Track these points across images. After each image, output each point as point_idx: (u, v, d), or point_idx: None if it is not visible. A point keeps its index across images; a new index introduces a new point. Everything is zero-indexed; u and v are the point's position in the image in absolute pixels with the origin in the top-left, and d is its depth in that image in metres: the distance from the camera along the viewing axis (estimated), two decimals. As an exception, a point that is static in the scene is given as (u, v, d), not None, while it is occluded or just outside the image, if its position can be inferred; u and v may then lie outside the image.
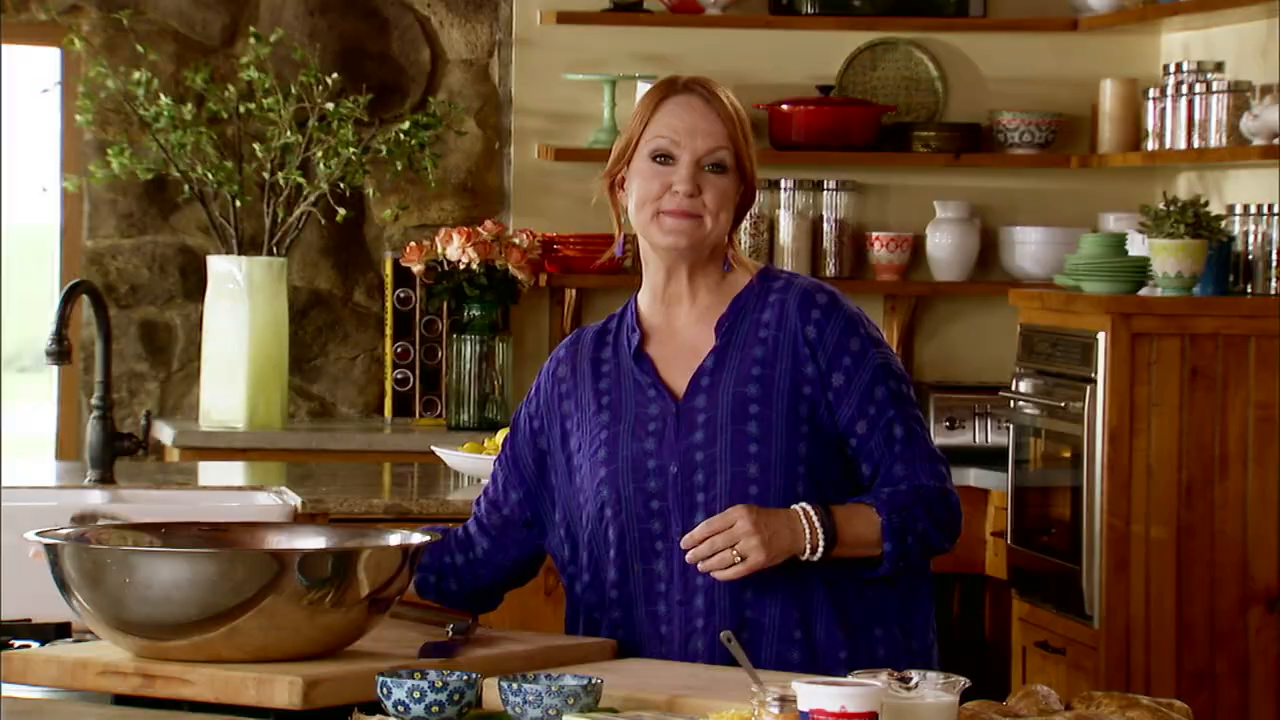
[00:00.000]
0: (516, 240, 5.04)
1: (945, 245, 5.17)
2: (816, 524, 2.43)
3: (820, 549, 2.44)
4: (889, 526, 2.46)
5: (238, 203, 5.01)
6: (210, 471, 4.29)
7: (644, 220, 2.54)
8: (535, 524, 2.63)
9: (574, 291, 5.19)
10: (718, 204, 2.52)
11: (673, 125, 2.52)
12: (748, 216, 5.21)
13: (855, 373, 2.49)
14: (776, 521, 2.43)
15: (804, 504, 2.45)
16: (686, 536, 2.44)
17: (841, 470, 2.51)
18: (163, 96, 4.99)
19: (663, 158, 2.52)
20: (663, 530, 2.50)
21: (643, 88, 5.16)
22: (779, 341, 2.50)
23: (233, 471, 4.37)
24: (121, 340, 5.18)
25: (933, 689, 2.03)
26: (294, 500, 3.71)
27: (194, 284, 5.18)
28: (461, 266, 5.00)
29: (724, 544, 2.41)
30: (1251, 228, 4.42)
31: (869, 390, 2.49)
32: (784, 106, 5.15)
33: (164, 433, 5.01)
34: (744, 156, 2.53)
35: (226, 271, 4.97)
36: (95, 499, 3.62)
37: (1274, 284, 4.34)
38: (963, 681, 2.06)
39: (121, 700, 2.30)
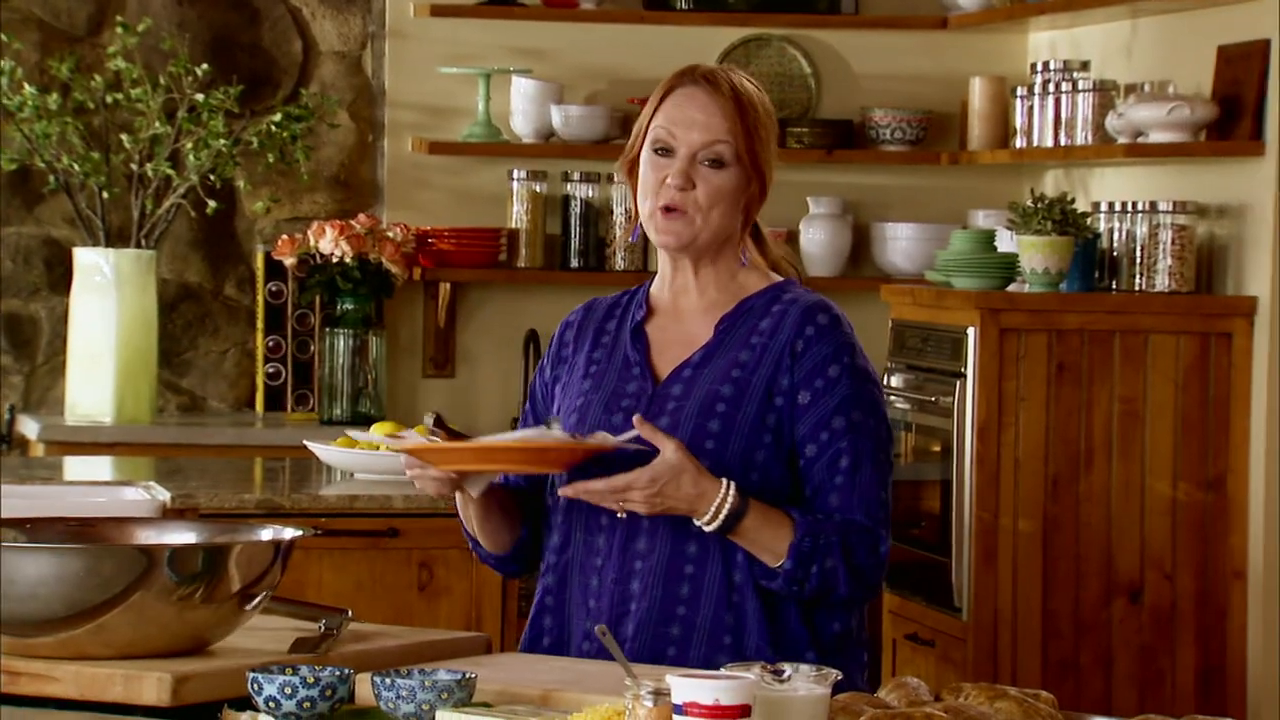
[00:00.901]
0: (390, 234, 5.01)
1: (818, 241, 5.21)
2: (723, 512, 2.43)
3: (711, 529, 2.44)
4: (797, 548, 2.45)
5: (105, 194, 4.94)
6: (77, 466, 4.23)
7: (645, 214, 2.54)
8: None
9: (448, 285, 5.17)
10: (710, 200, 2.50)
11: (673, 117, 2.50)
12: (623, 215, 5.22)
13: (822, 396, 2.48)
14: (684, 490, 2.42)
15: (732, 487, 2.44)
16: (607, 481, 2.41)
17: (795, 485, 2.51)
18: (27, 86, 4.91)
19: (662, 150, 2.51)
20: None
21: (518, 81, 5.16)
22: (766, 349, 2.50)
23: (100, 466, 4.31)
24: (-15, 333, 5.09)
25: (805, 681, 2.04)
26: (163, 495, 3.67)
27: (59, 276, 5.10)
28: (334, 260, 4.96)
29: (622, 486, 2.41)
30: (1116, 225, 4.49)
31: (828, 416, 2.48)
32: (658, 101, 5.16)
33: (29, 427, 4.93)
34: (746, 150, 2.49)
35: (93, 264, 4.90)
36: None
37: (1138, 280, 4.42)
38: (834, 674, 2.07)
39: (-15, 699, 2.26)
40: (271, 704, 2.15)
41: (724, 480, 2.44)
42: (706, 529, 2.45)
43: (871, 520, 2.48)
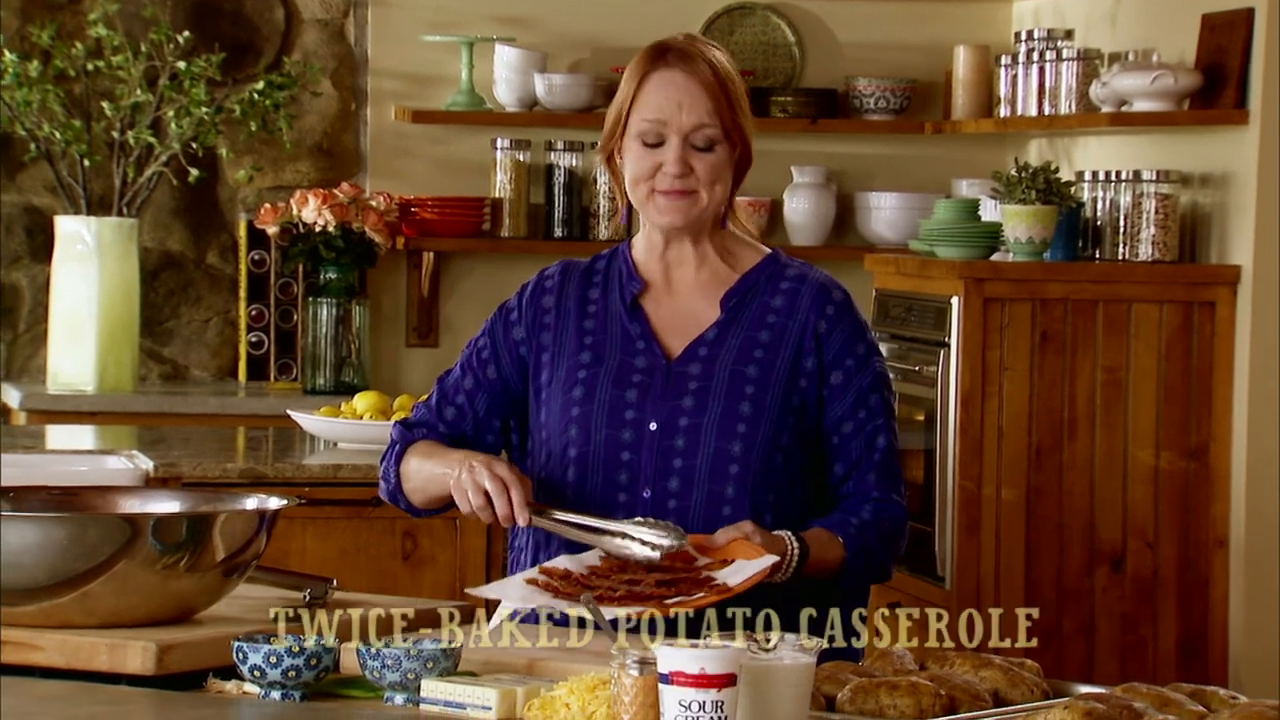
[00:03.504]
0: (373, 203, 5.00)
1: (802, 210, 5.20)
2: (792, 565, 2.41)
3: (782, 581, 2.43)
4: (850, 568, 2.47)
5: (86, 162, 4.91)
6: (59, 435, 4.22)
7: (639, 198, 2.53)
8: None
9: (431, 255, 5.16)
10: (711, 177, 2.50)
11: (657, 105, 2.49)
12: (606, 185, 5.20)
13: (856, 375, 2.51)
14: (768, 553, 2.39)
15: (792, 539, 2.42)
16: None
17: (812, 464, 2.51)
18: (7, 53, 4.88)
19: (652, 142, 2.50)
20: (629, 483, 2.48)
21: (501, 50, 5.14)
22: (786, 329, 2.51)
23: (82, 435, 4.30)
24: (-34, 302, 5.07)
25: (790, 650, 2.04)
26: (146, 464, 3.66)
27: (41, 244, 5.08)
28: (317, 229, 4.95)
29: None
30: (1100, 194, 4.49)
31: (865, 395, 2.51)
32: (642, 70, 5.14)
33: (10, 395, 4.92)
34: (732, 125, 2.50)
35: (75, 232, 4.88)
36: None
37: (1122, 250, 4.42)
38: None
39: (-31, 668, 2.26)
40: (256, 673, 2.15)
41: (784, 534, 2.42)
42: (779, 581, 2.42)
43: (901, 497, 2.54)
